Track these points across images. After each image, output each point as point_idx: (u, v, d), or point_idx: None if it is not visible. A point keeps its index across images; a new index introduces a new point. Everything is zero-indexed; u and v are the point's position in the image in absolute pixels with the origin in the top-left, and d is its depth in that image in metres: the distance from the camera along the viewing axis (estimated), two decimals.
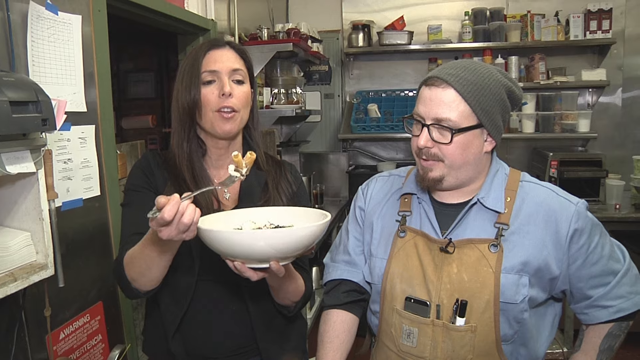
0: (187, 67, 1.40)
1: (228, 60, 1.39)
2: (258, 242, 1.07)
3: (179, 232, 1.06)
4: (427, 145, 1.29)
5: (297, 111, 3.57)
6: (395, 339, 1.38)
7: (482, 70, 1.29)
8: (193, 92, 1.36)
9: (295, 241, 1.11)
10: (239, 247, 1.09)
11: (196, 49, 1.42)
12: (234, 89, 1.37)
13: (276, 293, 1.37)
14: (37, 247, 1.35)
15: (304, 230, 1.11)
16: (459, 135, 1.26)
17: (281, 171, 1.54)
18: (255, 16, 3.85)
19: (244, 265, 1.13)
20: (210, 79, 1.37)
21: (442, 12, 4.49)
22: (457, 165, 1.29)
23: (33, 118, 1.20)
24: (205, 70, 1.37)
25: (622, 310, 1.31)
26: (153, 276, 1.27)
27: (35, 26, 1.55)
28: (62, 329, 1.66)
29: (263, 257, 1.11)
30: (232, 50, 1.43)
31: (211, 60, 1.38)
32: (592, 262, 1.30)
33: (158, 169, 1.43)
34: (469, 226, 1.34)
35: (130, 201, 1.41)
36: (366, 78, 4.74)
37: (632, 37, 4.21)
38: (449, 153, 1.28)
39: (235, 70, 1.39)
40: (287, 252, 1.12)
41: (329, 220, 1.17)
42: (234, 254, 1.12)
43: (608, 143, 4.29)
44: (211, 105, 1.36)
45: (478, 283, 1.28)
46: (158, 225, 1.05)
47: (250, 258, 1.12)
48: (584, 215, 1.31)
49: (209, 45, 1.41)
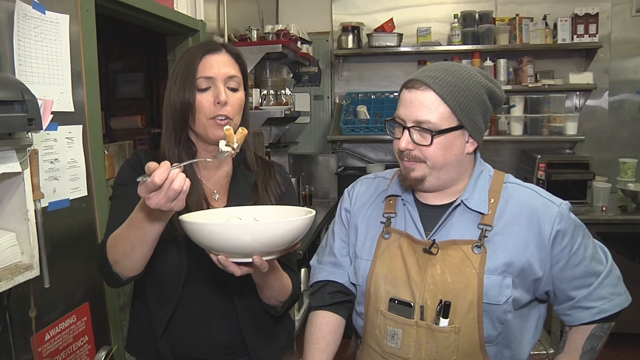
0: (181, 68, 1.37)
1: (224, 66, 1.38)
2: (242, 236, 1.07)
3: (168, 199, 1.05)
4: (409, 148, 1.30)
5: (286, 112, 3.57)
6: (380, 340, 1.39)
7: (462, 72, 1.30)
8: (187, 95, 1.35)
9: (279, 235, 1.11)
10: (223, 240, 1.08)
11: (191, 50, 1.40)
12: (229, 97, 1.36)
13: (262, 291, 1.37)
14: (22, 248, 1.35)
15: (287, 224, 1.11)
16: (440, 137, 1.27)
17: (270, 172, 1.54)
18: (245, 17, 3.85)
19: (227, 259, 1.13)
20: (205, 85, 1.35)
21: (431, 14, 4.51)
22: (439, 166, 1.30)
23: (19, 118, 1.20)
24: (201, 76, 1.35)
25: (604, 311, 1.33)
26: (137, 257, 1.23)
27: (22, 25, 1.54)
28: (47, 330, 1.66)
29: (247, 251, 1.11)
30: (227, 55, 1.41)
31: (207, 65, 1.36)
32: (575, 263, 1.32)
33: None
34: (453, 227, 1.35)
35: (118, 195, 1.41)
36: (355, 80, 4.75)
37: (617, 41, 4.25)
38: (430, 154, 1.29)
39: (231, 77, 1.38)
40: (270, 246, 1.12)
41: (313, 215, 1.17)
42: (218, 247, 1.11)
43: (595, 146, 4.32)
44: (205, 111, 1.35)
45: (462, 284, 1.29)
46: (147, 190, 1.04)
47: (234, 252, 1.12)
48: (566, 217, 1.32)
49: (205, 49, 1.39)
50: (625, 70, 4.28)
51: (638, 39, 4.23)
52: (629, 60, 4.27)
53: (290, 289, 1.44)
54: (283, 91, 3.77)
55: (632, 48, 4.25)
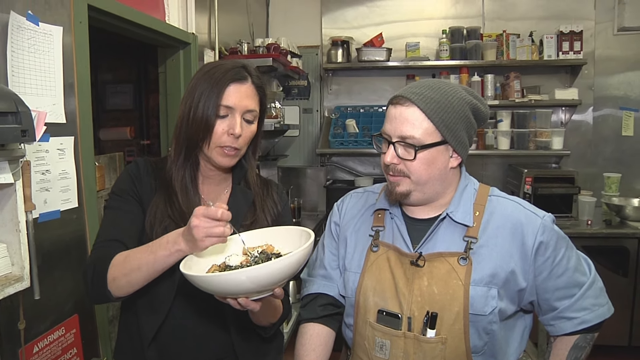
0: (206, 89, 1.36)
1: (246, 99, 1.38)
2: (266, 278, 1.09)
3: (208, 233, 1.11)
4: (394, 162, 1.33)
5: (275, 125, 3.59)
6: (369, 351, 1.40)
7: (446, 89, 1.33)
8: (210, 119, 1.34)
9: (294, 267, 1.13)
10: (245, 286, 1.09)
11: (219, 73, 1.37)
12: (243, 129, 1.37)
13: (255, 317, 1.37)
14: (13, 259, 1.35)
15: (302, 254, 1.12)
16: (423, 152, 1.30)
17: (268, 191, 1.56)
18: (236, 30, 3.88)
19: (248, 300, 1.15)
20: (224, 113, 1.35)
21: (420, 30, 4.57)
22: (423, 180, 1.33)
23: (12, 129, 1.21)
24: (222, 104, 1.35)
25: (586, 322, 1.35)
26: (136, 280, 1.24)
27: (16, 36, 1.55)
28: (36, 342, 1.65)
29: (264, 288, 1.13)
30: (252, 87, 1.40)
31: (231, 94, 1.35)
32: (558, 274, 1.34)
33: (147, 177, 1.44)
34: (439, 240, 1.37)
35: (112, 205, 1.41)
36: (344, 93, 4.79)
37: (601, 58, 4.35)
38: (413, 169, 1.32)
39: (250, 110, 1.39)
40: (286, 276, 1.14)
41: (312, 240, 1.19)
42: (238, 293, 1.13)
43: (580, 160, 4.40)
44: (217, 140, 1.36)
45: (448, 295, 1.31)
46: (205, 213, 1.11)
47: (253, 292, 1.13)
48: (549, 228, 1.35)
49: (233, 76, 1.37)
50: (608, 86, 4.37)
51: (620, 57, 4.33)
52: (612, 77, 4.37)
53: (281, 310, 1.44)
54: (273, 104, 3.79)
55: (615, 65, 4.35)
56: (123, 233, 1.35)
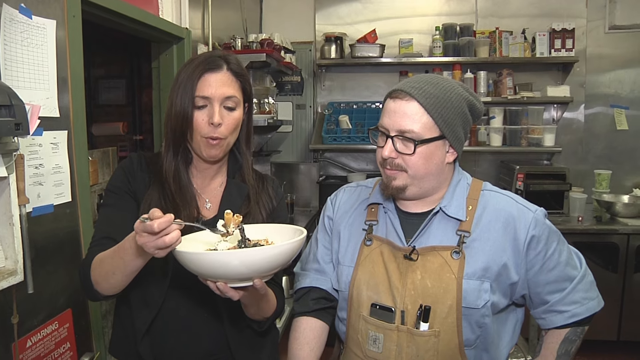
0: (181, 82, 1.36)
1: (223, 86, 1.36)
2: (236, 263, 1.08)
3: (156, 246, 1.07)
4: (391, 156, 1.33)
5: (269, 121, 3.60)
6: (362, 344, 1.41)
7: (445, 84, 1.34)
8: (186, 111, 1.35)
9: (280, 258, 1.13)
10: (221, 268, 1.09)
11: (192, 65, 1.38)
12: (223, 117, 1.36)
13: (247, 309, 1.37)
14: (6, 253, 1.35)
15: (283, 247, 1.12)
16: (422, 147, 1.31)
17: (263, 185, 1.55)
18: (229, 26, 3.88)
19: (226, 285, 1.14)
20: (202, 104, 1.36)
21: (413, 26, 4.58)
22: (420, 175, 1.34)
23: (6, 122, 1.21)
24: (198, 95, 1.34)
25: (576, 315, 1.37)
26: (115, 282, 1.26)
27: (8, 29, 1.54)
28: (29, 337, 1.64)
29: (245, 277, 1.13)
30: (228, 73, 1.39)
31: (205, 84, 1.35)
32: (549, 268, 1.36)
33: (141, 172, 1.44)
34: (432, 234, 1.39)
35: (107, 203, 1.42)
36: (338, 89, 4.79)
37: (592, 56, 4.38)
38: (412, 163, 1.32)
39: (229, 97, 1.37)
40: (272, 269, 1.14)
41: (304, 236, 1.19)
42: (215, 276, 1.13)
43: (571, 157, 4.43)
44: (200, 130, 1.36)
45: (441, 289, 1.33)
46: (143, 229, 1.06)
47: (233, 278, 1.13)
48: (541, 223, 1.37)
49: (205, 66, 1.36)
50: (600, 84, 4.41)
51: (611, 55, 4.37)
52: (603, 75, 4.40)
53: (275, 305, 1.44)
54: (266, 100, 3.80)
55: (606, 63, 4.38)
56: (117, 230, 1.35)
